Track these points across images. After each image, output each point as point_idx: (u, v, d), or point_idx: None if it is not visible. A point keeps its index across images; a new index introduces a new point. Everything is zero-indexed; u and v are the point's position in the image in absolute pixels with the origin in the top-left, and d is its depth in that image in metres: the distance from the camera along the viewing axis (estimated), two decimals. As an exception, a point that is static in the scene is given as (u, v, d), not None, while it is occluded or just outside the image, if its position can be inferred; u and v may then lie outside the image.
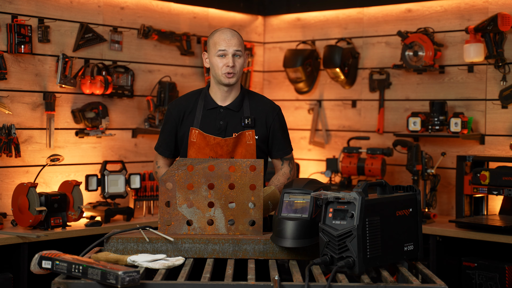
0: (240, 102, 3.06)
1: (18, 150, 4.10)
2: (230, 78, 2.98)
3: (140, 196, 4.52)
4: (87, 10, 4.55)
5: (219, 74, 2.98)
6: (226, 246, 2.52)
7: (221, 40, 2.97)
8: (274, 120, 3.10)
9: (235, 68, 2.97)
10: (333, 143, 5.36)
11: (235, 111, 3.04)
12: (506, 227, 3.94)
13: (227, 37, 2.97)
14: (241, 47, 2.99)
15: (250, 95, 3.12)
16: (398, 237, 2.37)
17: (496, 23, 4.24)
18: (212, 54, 3.00)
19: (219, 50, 2.96)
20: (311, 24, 5.48)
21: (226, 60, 2.96)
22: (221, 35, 2.99)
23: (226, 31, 3.01)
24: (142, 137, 4.89)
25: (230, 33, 2.99)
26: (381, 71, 5.06)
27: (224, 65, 2.96)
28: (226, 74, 2.97)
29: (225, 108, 3.05)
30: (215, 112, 3.04)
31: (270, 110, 3.10)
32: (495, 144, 4.51)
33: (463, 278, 4.18)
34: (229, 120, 3.03)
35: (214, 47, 2.99)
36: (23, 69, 4.22)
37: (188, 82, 5.18)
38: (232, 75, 2.97)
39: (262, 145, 3.06)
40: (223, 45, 2.96)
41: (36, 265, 2.20)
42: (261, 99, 3.14)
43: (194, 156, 3.00)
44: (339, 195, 2.23)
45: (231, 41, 2.96)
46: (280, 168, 3.15)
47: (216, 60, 2.98)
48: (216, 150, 2.97)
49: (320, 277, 2.22)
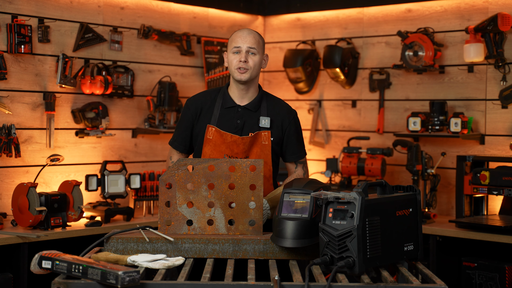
0: (258, 103, 3.07)
1: (18, 150, 4.10)
2: (242, 74, 2.99)
3: (140, 196, 4.52)
4: (87, 10, 4.55)
5: (233, 70, 3.01)
6: (226, 246, 2.52)
7: (237, 37, 3.02)
8: (290, 124, 3.12)
9: (248, 64, 2.98)
10: (333, 143, 5.36)
11: (252, 111, 3.05)
12: (506, 227, 3.94)
13: (243, 34, 3.02)
14: (257, 45, 3.00)
15: (268, 97, 3.14)
16: (398, 237, 2.37)
17: (496, 23, 4.24)
18: (229, 52, 3.05)
19: (234, 46, 3.00)
20: (311, 24, 5.48)
21: (239, 56, 2.99)
22: (238, 32, 3.05)
23: (244, 29, 3.07)
24: (142, 137, 4.89)
25: (247, 31, 3.04)
26: (381, 71, 5.06)
27: (237, 60, 2.99)
28: (238, 69, 2.99)
29: (243, 107, 3.05)
30: (233, 111, 3.05)
31: (286, 114, 3.13)
32: (495, 144, 4.51)
33: (463, 278, 4.18)
34: (246, 120, 3.04)
35: (231, 44, 3.05)
36: (23, 69, 4.22)
37: (188, 82, 5.18)
38: (244, 71, 2.99)
39: (276, 147, 3.09)
40: (238, 41, 3.01)
41: (36, 265, 2.20)
42: (278, 102, 3.16)
43: (209, 153, 3.01)
44: (339, 195, 2.23)
45: (246, 38, 3.00)
46: (294, 171, 3.19)
47: (231, 57, 3.02)
48: (232, 148, 2.99)
49: (320, 277, 2.22)
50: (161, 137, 4.97)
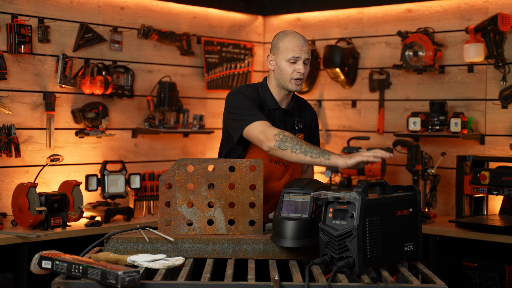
0: (293, 106, 3.04)
1: (18, 150, 4.10)
2: (298, 86, 2.92)
3: (140, 196, 4.52)
4: (87, 10, 4.55)
5: (287, 80, 2.91)
6: (226, 246, 2.52)
7: (295, 45, 2.88)
8: (316, 124, 3.15)
9: (304, 74, 2.91)
10: (333, 143, 5.36)
11: (290, 114, 3.02)
12: (506, 227, 3.94)
13: (300, 43, 2.89)
14: (310, 55, 2.93)
15: (297, 99, 3.11)
16: (398, 237, 2.37)
17: (496, 23, 4.24)
18: (281, 58, 2.91)
19: (293, 56, 2.88)
20: (311, 24, 5.48)
21: (298, 67, 2.89)
22: (293, 40, 2.90)
23: (298, 36, 2.92)
24: (142, 137, 4.89)
25: (303, 39, 2.91)
26: (381, 71, 5.06)
27: (295, 71, 2.89)
28: (295, 80, 2.90)
29: (284, 110, 3.00)
30: (277, 113, 2.98)
31: (313, 115, 3.14)
32: (495, 144, 4.51)
33: (463, 278, 4.18)
34: (287, 123, 3.00)
35: (286, 52, 2.89)
36: (23, 69, 4.22)
37: (188, 82, 5.18)
38: (300, 82, 2.92)
39: None
40: (296, 51, 2.88)
41: (36, 265, 2.20)
42: (304, 102, 3.15)
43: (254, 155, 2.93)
44: (339, 195, 2.23)
45: (304, 48, 2.89)
46: (306, 170, 3.19)
47: (286, 66, 2.90)
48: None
49: (320, 277, 2.22)
50: (161, 137, 4.97)
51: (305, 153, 2.65)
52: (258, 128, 2.77)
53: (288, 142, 2.69)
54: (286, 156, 2.69)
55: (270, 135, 2.72)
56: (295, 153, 2.66)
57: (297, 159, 2.67)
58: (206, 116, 5.25)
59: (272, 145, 2.71)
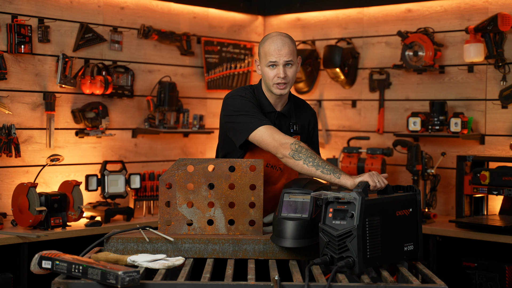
0: (289, 108, 3.02)
1: (18, 150, 4.10)
2: (282, 90, 2.88)
3: (140, 196, 4.52)
4: (87, 10, 4.55)
5: (270, 85, 2.89)
6: (226, 246, 2.52)
7: (272, 50, 2.84)
8: (314, 126, 3.13)
9: (287, 78, 2.86)
10: (333, 143, 5.36)
11: (286, 116, 3.01)
12: (506, 227, 3.94)
13: (277, 47, 2.83)
14: (293, 56, 2.86)
15: (295, 100, 3.09)
16: (398, 237, 2.37)
17: (496, 23, 4.24)
18: (263, 64, 2.89)
19: (270, 61, 2.84)
20: (311, 24, 5.48)
21: (277, 71, 2.85)
22: (271, 44, 2.85)
23: (276, 39, 2.86)
24: (142, 137, 4.89)
25: (281, 42, 2.85)
26: (381, 71, 5.06)
27: (275, 76, 2.86)
28: (277, 85, 2.87)
29: (279, 113, 2.99)
30: (272, 116, 2.95)
31: (311, 116, 3.12)
32: (495, 144, 4.51)
33: (463, 278, 4.18)
34: (282, 126, 2.98)
35: (265, 57, 2.87)
36: (23, 69, 4.22)
37: (188, 82, 5.18)
38: (284, 86, 2.87)
39: None
40: (274, 56, 2.83)
41: (36, 265, 2.20)
42: (302, 103, 3.13)
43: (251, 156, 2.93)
44: (339, 195, 2.23)
45: (282, 51, 2.83)
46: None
47: (267, 71, 2.87)
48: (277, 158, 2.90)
49: (320, 277, 2.22)
50: (161, 137, 4.97)
51: (316, 167, 2.64)
52: (270, 135, 2.75)
53: (303, 153, 2.67)
54: (297, 167, 2.68)
55: (286, 143, 2.71)
56: (306, 165, 2.65)
57: (307, 171, 2.66)
58: (206, 116, 5.25)
59: (287, 154, 2.69)
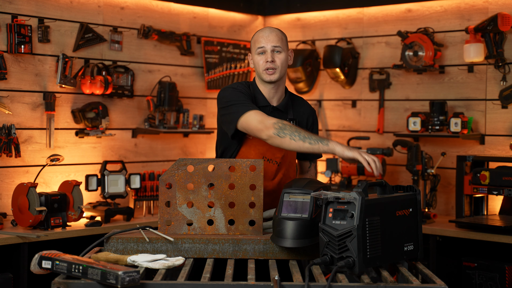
0: (287, 104, 3.04)
1: (18, 150, 4.10)
2: (271, 75, 2.93)
3: (140, 196, 4.52)
4: (87, 10, 4.55)
5: (260, 72, 2.95)
6: (226, 246, 2.52)
7: (260, 37, 2.95)
8: (314, 123, 3.13)
9: (275, 63, 2.92)
10: (333, 143, 5.36)
11: (282, 112, 3.02)
12: (506, 227, 3.94)
13: (265, 34, 2.94)
14: (281, 43, 2.94)
15: (292, 97, 3.11)
16: (398, 237, 2.37)
17: (496, 23, 4.24)
18: (253, 53, 2.98)
19: (258, 47, 2.93)
20: (311, 24, 5.48)
21: (266, 57, 2.92)
22: (259, 33, 2.98)
23: (265, 28, 2.99)
24: (142, 137, 4.89)
25: (269, 30, 2.97)
26: (381, 71, 5.06)
27: (263, 61, 2.93)
28: (266, 70, 2.92)
29: (274, 108, 3.00)
30: (266, 110, 2.96)
31: (310, 113, 3.12)
32: (495, 144, 4.51)
33: (463, 278, 4.18)
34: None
35: (254, 46, 2.97)
36: (23, 69, 4.22)
37: (188, 82, 5.18)
38: (273, 71, 2.92)
39: None
40: (261, 42, 2.93)
41: (36, 265, 2.20)
42: (301, 101, 3.14)
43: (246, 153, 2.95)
44: (339, 195, 2.23)
45: (269, 37, 2.93)
46: (307, 170, 3.18)
47: (257, 59, 2.95)
48: (274, 151, 2.95)
49: (320, 277, 2.22)
50: (161, 137, 4.97)
51: (303, 140, 2.67)
52: (255, 118, 2.79)
53: (287, 129, 2.70)
54: (285, 144, 2.71)
55: (269, 124, 2.74)
56: (293, 140, 2.68)
57: (296, 146, 2.69)
58: (206, 116, 5.25)
59: (271, 133, 2.73)
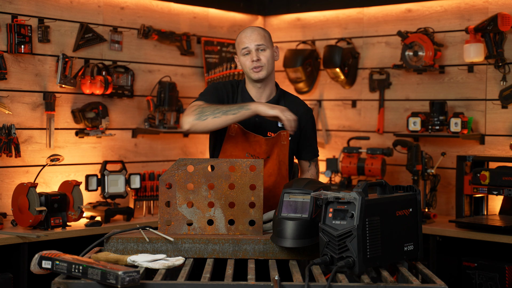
0: (277, 101, 3.06)
1: (18, 150, 4.10)
2: (258, 73, 2.98)
3: (140, 196, 4.52)
4: (87, 10, 4.55)
5: (248, 71, 3.00)
6: (226, 246, 2.52)
7: (243, 38, 3.00)
8: (308, 122, 3.12)
9: (261, 61, 2.97)
10: (333, 143, 5.36)
11: None
12: (506, 227, 3.94)
13: (247, 34, 2.99)
14: (264, 41, 2.98)
15: (286, 95, 3.13)
16: (398, 237, 2.37)
17: (496, 23, 4.24)
18: (239, 55, 3.03)
19: (242, 48, 2.99)
20: (311, 24, 5.48)
21: (251, 56, 2.97)
22: (241, 34, 3.02)
23: (247, 29, 3.04)
24: (142, 137, 4.89)
25: (250, 29, 3.02)
26: (381, 71, 5.06)
27: (249, 61, 2.98)
28: (253, 69, 2.97)
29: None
30: None
31: (304, 112, 3.12)
32: (495, 144, 4.51)
33: (463, 278, 4.18)
34: (264, 118, 2.97)
35: (239, 47, 3.02)
36: (23, 69, 4.22)
37: (188, 82, 5.18)
38: (259, 69, 2.97)
39: (293, 146, 3.09)
40: (245, 42, 2.98)
41: (36, 265, 2.20)
42: (295, 100, 3.15)
43: (229, 150, 2.98)
44: (339, 195, 2.22)
45: (252, 37, 2.98)
46: (307, 169, 3.19)
47: (243, 59, 3.00)
48: (255, 147, 2.98)
49: (320, 277, 2.22)
50: (161, 137, 4.97)
51: (225, 114, 2.75)
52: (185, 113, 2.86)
53: (207, 111, 2.76)
54: (209, 124, 2.78)
55: (188, 112, 2.83)
56: (217, 117, 2.76)
57: (221, 122, 2.77)
58: (206, 116, 5.24)
59: (191, 120, 2.81)
